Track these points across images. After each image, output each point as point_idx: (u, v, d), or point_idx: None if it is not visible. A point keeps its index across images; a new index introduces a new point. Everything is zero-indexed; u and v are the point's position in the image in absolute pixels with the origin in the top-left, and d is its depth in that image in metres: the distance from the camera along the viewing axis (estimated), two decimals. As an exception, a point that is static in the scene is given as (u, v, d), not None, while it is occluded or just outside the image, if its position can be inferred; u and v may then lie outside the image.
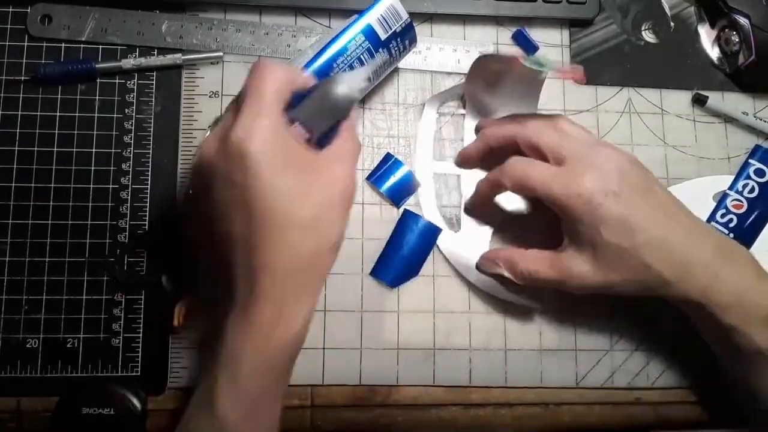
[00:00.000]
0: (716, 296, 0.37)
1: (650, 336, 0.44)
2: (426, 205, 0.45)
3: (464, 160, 0.45)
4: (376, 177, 0.45)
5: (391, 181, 0.45)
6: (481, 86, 0.45)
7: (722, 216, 0.46)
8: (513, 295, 0.43)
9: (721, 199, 0.47)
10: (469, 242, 0.44)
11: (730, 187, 0.47)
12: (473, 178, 0.45)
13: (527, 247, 0.41)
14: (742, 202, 0.47)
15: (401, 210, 0.45)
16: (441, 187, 0.46)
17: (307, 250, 0.31)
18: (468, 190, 0.45)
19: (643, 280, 0.37)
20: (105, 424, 0.39)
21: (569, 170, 0.38)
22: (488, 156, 0.44)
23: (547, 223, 0.41)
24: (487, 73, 0.44)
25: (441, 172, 0.46)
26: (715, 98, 0.48)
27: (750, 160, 0.48)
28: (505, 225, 0.45)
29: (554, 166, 0.38)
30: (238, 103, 0.32)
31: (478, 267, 0.44)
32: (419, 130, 0.46)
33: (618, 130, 0.48)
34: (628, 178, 0.38)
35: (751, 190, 0.47)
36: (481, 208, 0.45)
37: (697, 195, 0.47)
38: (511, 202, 0.45)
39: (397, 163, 0.45)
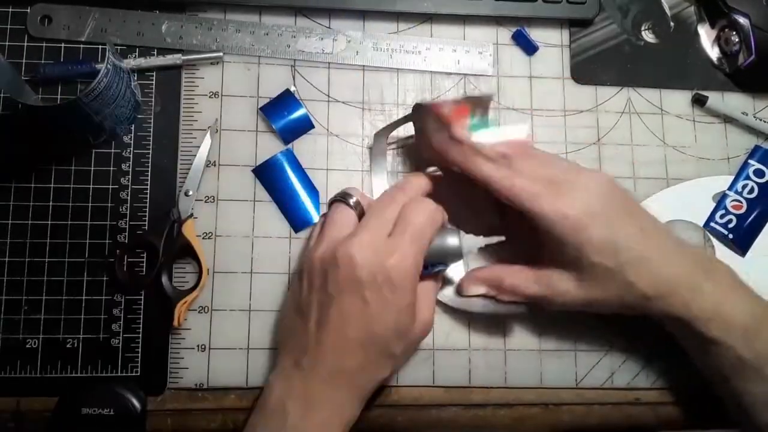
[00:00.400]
0: (697, 310, 0.37)
1: (650, 336, 0.44)
2: None
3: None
4: (271, 112, 0.45)
5: (286, 119, 0.45)
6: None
7: (721, 216, 0.46)
8: (492, 304, 0.42)
9: (721, 199, 0.47)
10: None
11: (730, 188, 0.47)
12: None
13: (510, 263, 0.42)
14: (741, 202, 0.46)
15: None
16: None
17: (384, 373, 0.38)
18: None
19: (625, 298, 0.38)
20: (105, 424, 0.39)
21: (556, 191, 0.38)
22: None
23: (519, 243, 0.42)
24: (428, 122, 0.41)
25: None
26: (714, 98, 0.48)
27: (749, 161, 0.48)
28: (484, 253, 0.44)
29: (543, 186, 0.38)
30: (358, 210, 0.39)
31: (458, 291, 0.43)
32: (372, 171, 0.45)
33: (618, 131, 0.48)
34: (610, 199, 0.38)
35: (751, 191, 0.47)
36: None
37: (697, 195, 0.47)
38: (487, 222, 0.44)
39: (295, 103, 0.45)
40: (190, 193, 0.43)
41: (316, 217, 0.44)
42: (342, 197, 0.40)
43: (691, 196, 0.46)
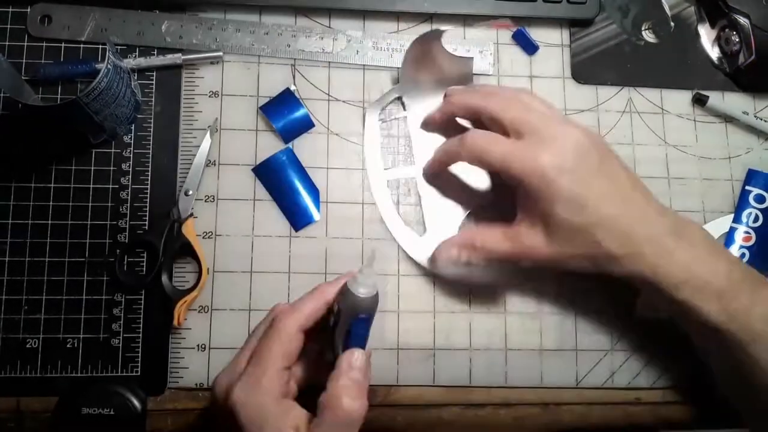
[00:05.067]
0: (667, 274, 0.37)
1: (650, 336, 0.44)
2: (386, 214, 0.44)
3: (427, 122, 0.45)
4: (271, 111, 0.45)
5: (286, 118, 0.45)
6: (418, 74, 0.45)
7: (734, 254, 0.45)
8: (480, 276, 0.42)
9: (729, 236, 0.46)
10: (436, 243, 0.43)
11: (735, 220, 0.47)
12: (428, 189, 0.45)
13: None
14: (750, 233, 0.46)
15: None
16: (398, 194, 0.45)
17: None
18: (425, 190, 0.45)
19: (594, 256, 0.38)
20: (105, 424, 0.39)
21: (527, 145, 0.38)
22: (451, 123, 0.44)
23: (501, 208, 0.42)
24: (420, 58, 0.45)
25: (394, 178, 0.45)
26: (715, 98, 0.48)
27: (747, 187, 0.47)
28: (469, 222, 0.45)
29: (513, 140, 0.39)
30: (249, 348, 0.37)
31: (432, 261, 0.43)
32: (365, 142, 0.46)
33: (618, 130, 0.48)
34: (585, 157, 0.38)
35: (756, 219, 0.46)
36: (438, 171, 0.45)
37: None
38: (474, 196, 0.45)
39: (295, 103, 0.45)
40: (190, 192, 0.43)
41: (316, 216, 0.44)
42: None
43: None
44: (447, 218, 0.44)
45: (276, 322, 0.36)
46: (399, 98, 0.46)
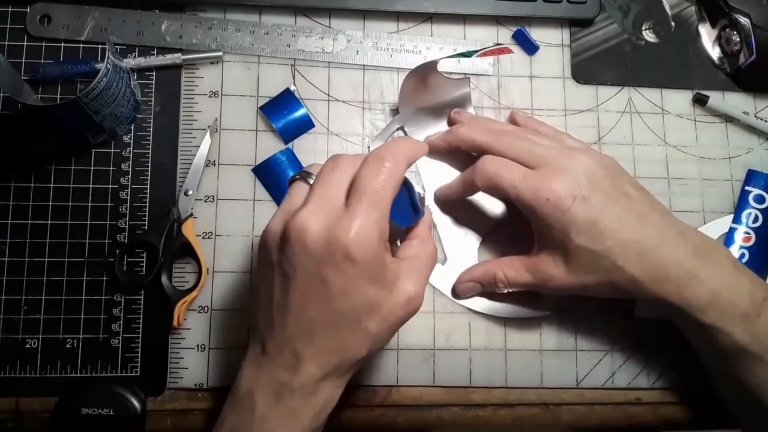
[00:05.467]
0: (693, 297, 0.37)
1: (650, 336, 0.44)
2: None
3: (432, 149, 0.44)
4: (271, 111, 0.45)
5: (286, 118, 0.45)
6: (417, 102, 0.45)
7: (734, 255, 0.45)
8: (516, 309, 0.43)
9: (729, 236, 0.46)
10: (459, 271, 0.43)
11: (735, 221, 0.47)
12: (444, 218, 0.45)
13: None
14: (749, 233, 0.46)
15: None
16: None
17: (359, 353, 0.33)
18: (440, 218, 0.45)
19: (616, 282, 0.38)
20: (104, 424, 0.39)
21: (539, 174, 0.38)
22: (457, 151, 0.44)
23: (529, 236, 0.41)
24: (417, 87, 0.44)
25: None
26: (715, 98, 0.48)
27: (746, 187, 0.47)
28: (488, 248, 0.45)
29: (528, 170, 0.39)
30: (314, 185, 0.34)
31: (456, 296, 0.43)
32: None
33: (618, 130, 0.48)
34: (597, 183, 0.38)
35: (755, 219, 0.46)
36: (457, 200, 0.44)
37: None
38: (489, 219, 0.45)
39: (295, 103, 0.45)
40: (190, 192, 0.43)
41: None
42: (301, 176, 0.35)
43: None
44: (465, 244, 0.44)
45: (392, 162, 0.33)
46: (401, 128, 0.46)
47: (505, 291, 0.41)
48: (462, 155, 0.44)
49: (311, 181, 0.34)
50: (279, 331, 0.33)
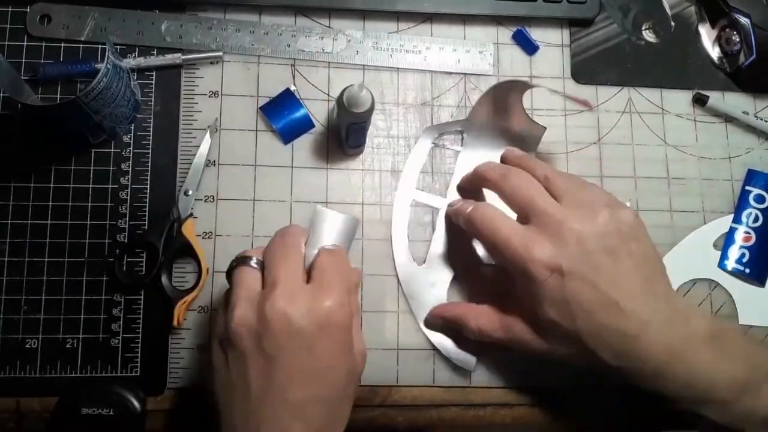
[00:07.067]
0: (666, 389, 0.36)
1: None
2: (396, 233, 0.44)
3: (461, 187, 0.45)
4: (271, 111, 0.45)
5: (286, 119, 0.45)
6: (488, 117, 0.45)
7: (734, 253, 0.46)
8: (453, 350, 0.43)
9: (729, 236, 0.46)
10: (429, 280, 0.43)
11: (735, 220, 0.47)
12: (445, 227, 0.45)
13: (482, 301, 0.41)
14: (750, 233, 0.46)
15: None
16: (415, 219, 0.45)
17: (345, 421, 0.35)
18: (440, 226, 0.45)
19: (588, 360, 0.36)
20: (104, 424, 0.39)
21: (526, 234, 0.36)
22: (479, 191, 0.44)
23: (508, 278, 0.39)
24: (498, 102, 0.44)
25: (421, 201, 0.45)
26: (715, 98, 0.48)
27: (747, 187, 0.47)
28: (468, 272, 0.44)
29: (516, 225, 0.37)
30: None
31: (426, 322, 0.43)
32: (410, 156, 0.46)
33: (618, 130, 0.48)
34: (587, 257, 0.35)
35: (756, 219, 0.46)
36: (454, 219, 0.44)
37: (698, 247, 0.46)
38: (475, 255, 0.44)
39: (295, 103, 0.45)
40: (190, 192, 0.43)
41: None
42: (239, 261, 0.36)
43: (692, 250, 0.46)
44: (447, 263, 0.44)
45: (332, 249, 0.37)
46: (461, 131, 0.46)
47: (471, 338, 0.41)
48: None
49: (254, 265, 0.35)
50: (266, 421, 0.32)
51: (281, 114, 0.45)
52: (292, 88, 0.46)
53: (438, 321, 0.42)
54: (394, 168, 0.46)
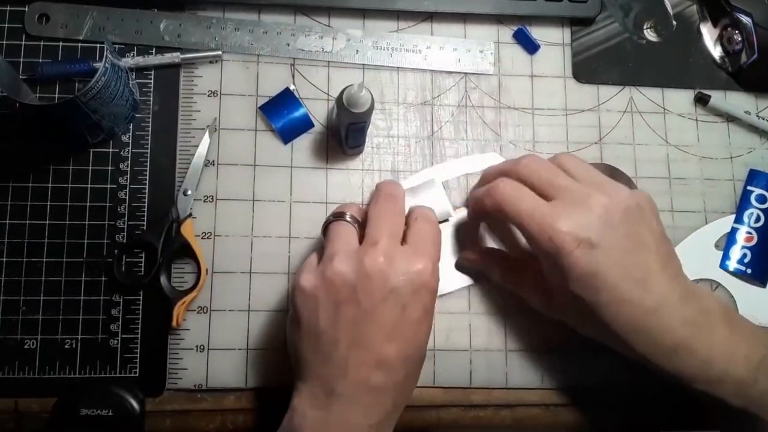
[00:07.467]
0: (684, 367, 0.36)
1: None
2: None
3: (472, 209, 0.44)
4: (270, 111, 0.45)
5: (286, 118, 0.45)
6: None
7: (736, 253, 0.46)
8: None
9: (731, 236, 0.46)
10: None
11: (736, 220, 0.46)
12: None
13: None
14: (751, 233, 0.46)
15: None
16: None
17: (412, 389, 0.38)
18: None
19: (601, 334, 0.38)
20: (103, 425, 0.39)
21: (551, 208, 0.36)
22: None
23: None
24: None
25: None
26: (717, 97, 0.48)
27: (748, 187, 0.47)
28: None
29: (539, 200, 0.37)
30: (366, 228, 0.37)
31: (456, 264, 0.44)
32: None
33: (620, 130, 0.47)
34: (613, 228, 0.35)
35: (757, 219, 0.46)
36: (472, 218, 0.44)
37: (699, 248, 0.46)
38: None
39: (295, 102, 0.45)
40: (189, 192, 0.43)
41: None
42: (337, 216, 0.38)
43: (694, 250, 0.46)
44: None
45: (428, 213, 0.39)
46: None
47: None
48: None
49: (349, 220, 0.37)
50: (353, 370, 0.33)
51: (281, 113, 0.45)
52: (292, 87, 0.46)
53: (466, 262, 0.44)
54: (394, 168, 0.45)
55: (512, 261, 0.43)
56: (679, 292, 0.36)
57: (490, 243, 0.45)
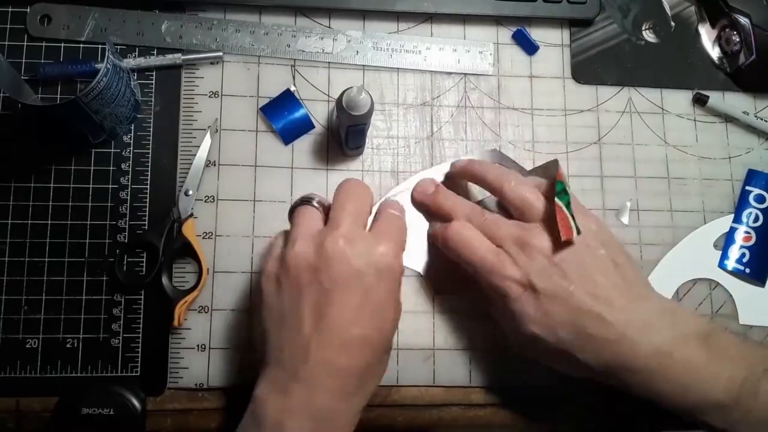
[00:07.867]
0: (661, 391, 0.35)
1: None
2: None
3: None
4: (271, 112, 0.45)
5: (286, 119, 0.45)
6: None
7: (734, 252, 0.46)
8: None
9: (729, 236, 0.46)
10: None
11: (735, 220, 0.47)
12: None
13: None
14: (750, 233, 0.46)
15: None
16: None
17: (381, 373, 0.37)
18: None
19: (580, 371, 0.37)
20: (104, 424, 0.39)
21: (500, 252, 0.37)
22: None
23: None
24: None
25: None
26: (715, 98, 0.48)
27: (747, 187, 0.47)
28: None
29: (491, 246, 0.38)
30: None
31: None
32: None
33: (618, 130, 0.48)
34: (558, 267, 0.36)
35: (756, 219, 0.46)
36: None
37: (698, 247, 0.46)
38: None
39: (295, 103, 0.45)
40: (190, 192, 0.43)
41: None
42: (303, 201, 0.38)
43: (693, 250, 0.46)
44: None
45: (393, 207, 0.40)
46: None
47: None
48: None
49: (316, 205, 0.37)
50: (315, 352, 0.33)
51: (281, 114, 0.45)
52: (292, 88, 0.46)
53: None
54: (394, 168, 0.46)
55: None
56: (644, 317, 0.36)
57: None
